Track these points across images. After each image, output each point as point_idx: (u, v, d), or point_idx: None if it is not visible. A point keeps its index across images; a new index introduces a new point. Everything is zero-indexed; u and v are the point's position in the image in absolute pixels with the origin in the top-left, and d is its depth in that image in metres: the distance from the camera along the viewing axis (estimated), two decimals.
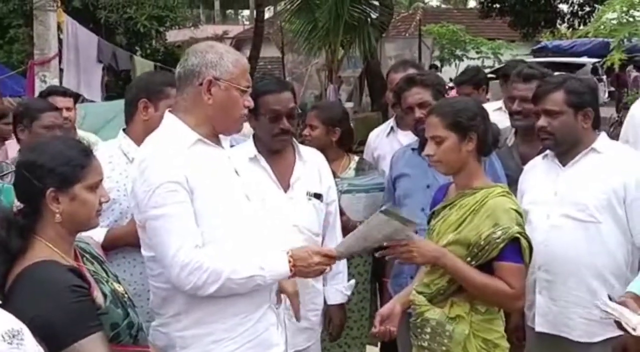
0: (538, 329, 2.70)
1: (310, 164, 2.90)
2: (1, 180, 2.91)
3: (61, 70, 7.03)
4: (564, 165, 2.73)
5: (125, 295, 1.95)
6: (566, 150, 2.73)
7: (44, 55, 7.29)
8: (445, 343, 2.35)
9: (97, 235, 2.35)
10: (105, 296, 1.85)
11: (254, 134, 2.90)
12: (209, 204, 2.11)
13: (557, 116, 2.67)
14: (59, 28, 7.18)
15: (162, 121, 2.25)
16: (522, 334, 2.88)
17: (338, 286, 2.95)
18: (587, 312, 2.58)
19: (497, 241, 2.32)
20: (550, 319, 2.67)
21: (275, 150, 2.86)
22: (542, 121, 2.71)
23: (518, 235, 2.34)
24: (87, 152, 1.92)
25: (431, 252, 2.38)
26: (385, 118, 11.30)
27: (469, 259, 2.36)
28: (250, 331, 2.20)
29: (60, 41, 7.22)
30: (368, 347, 3.58)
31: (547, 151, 2.81)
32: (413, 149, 3.13)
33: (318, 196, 2.87)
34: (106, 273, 1.94)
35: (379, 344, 3.60)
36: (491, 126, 2.52)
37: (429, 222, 2.61)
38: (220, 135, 2.29)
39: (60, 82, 7.15)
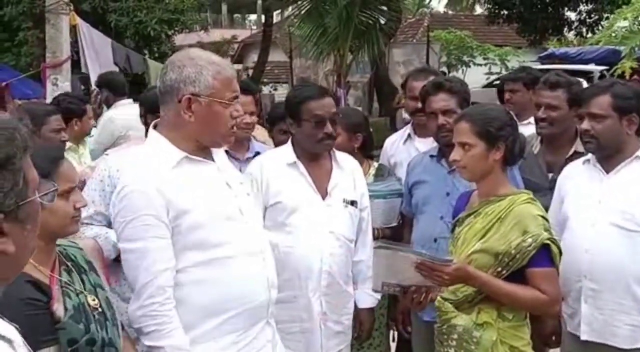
0: (584, 337, 2.68)
1: (347, 171, 2.91)
2: None
3: (73, 73, 7.05)
4: (607, 172, 2.70)
5: (100, 308, 1.87)
6: (608, 155, 2.70)
7: (55, 58, 7.30)
8: (472, 349, 2.35)
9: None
10: (66, 310, 1.78)
11: (292, 140, 2.89)
12: (196, 224, 2.07)
13: (602, 120, 2.65)
14: (71, 31, 7.20)
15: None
16: (558, 339, 2.88)
17: (369, 290, 2.93)
18: (632, 319, 2.59)
19: (529, 248, 2.31)
20: (596, 328, 2.66)
21: (313, 157, 2.86)
22: (585, 124, 2.69)
23: (548, 241, 2.34)
24: (53, 159, 1.84)
25: (466, 276, 2.36)
26: (393, 123, 11.35)
27: (499, 269, 2.35)
28: (246, 349, 2.17)
29: (72, 44, 7.24)
30: None
31: (589, 156, 2.78)
32: (431, 156, 3.12)
33: (353, 203, 2.88)
34: (84, 284, 1.87)
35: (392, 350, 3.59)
36: (519, 136, 2.51)
37: (452, 230, 2.60)
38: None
39: (72, 85, 7.15)
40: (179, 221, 2.05)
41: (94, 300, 1.86)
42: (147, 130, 2.69)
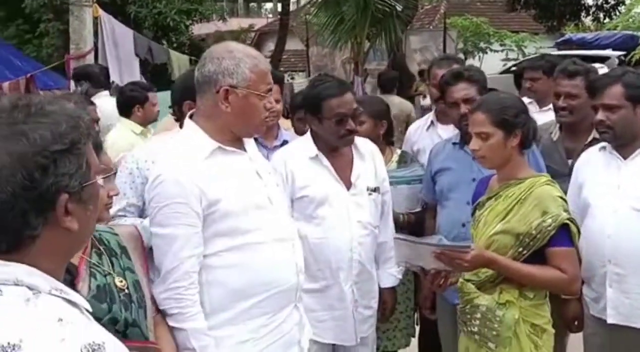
0: (610, 321, 2.72)
1: (367, 158, 2.96)
2: None
3: (98, 64, 7.15)
4: (624, 158, 2.75)
5: (126, 290, 1.90)
6: (625, 143, 2.75)
7: (79, 50, 7.40)
8: (495, 328, 2.42)
9: None
10: (89, 289, 1.81)
11: (312, 133, 2.92)
12: (228, 212, 2.14)
13: (616, 110, 2.69)
14: (92, 23, 7.30)
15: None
16: (581, 324, 2.94)
17: (391, 270, 3.03)
18: None
19: (549, 228, 2.39)
20: (622, 311, 2.69)
21: (334, 149, 2.89)
22: (600, 115, 2.73)
23: (567, 221, 2.41)
24: (95, 146, 1.89)
25: (485, 261, 2.44)
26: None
27: (520, 249, 2.42)
28: (275, 332, 2.23)
29: (95, 35, 7.34)
30: None
31: (604, 144, 2.83)
32: (454, 144, 3.17)
33: (376, 190, 2.94)
34: (113, 266, 1.92)
35: (416, 333, 3.67)
36: (532, 121, 2.58)
37: (472, 213, 2.67)
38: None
39: None
40: (211, 209, 2.12)
41: (121, 282, 1.89)
42: (177, 119, 2.79)
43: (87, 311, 1.21)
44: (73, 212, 1.21)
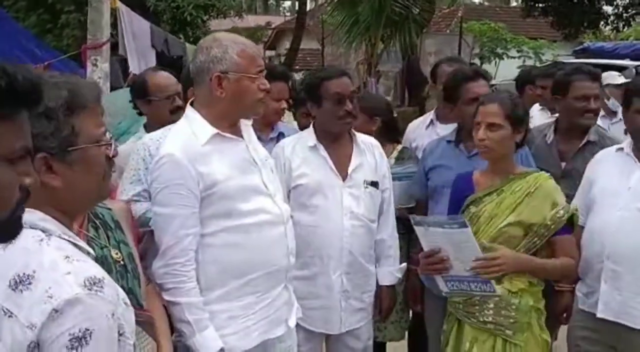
0: (600, 315, 2.77)
1: (368, 153, 3.01)
2: None
3: (112, 55, 7.28)
4: None
5: (122, 262, 2.01)
6: None
7: (96, 40, 7.50)
8: (512, 315, 2.56)
9: None
10: None
11: (314, 123, 3.01)
12: (225, 195, 2.27)
13: None
14: (111, 14, 7.41)
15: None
16: (570, 314, 3.03)
17: (390, 268, 3.08)
18: None
19: (562, 219, 2.57)
20: (612, 307, 2.74)
21: (334, 139, 2.96)
22: None
23: (575, 212, 2.61)
24: None
25: (515, 259, 2.57)
26: (422, 113, 11.37)
27: (535, 239, 2.58)
28: (265, 309, 2.37)
29: (113, 27, 7.45)
30: None
31: (622, 145, 2.87)
32: (448, 142, 3.22)
33: (374, 184, 2.99)
34: (109, 239, 2.02)
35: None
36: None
37: (463, 210, 2.72)
38: (244, 125, 2.42)
39: (111, 67, 7.38)
40: (209, 191, 2.26)
41: (117, 254, 2.01)
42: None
43: (89, 254, 1.39)
44: (57, 171, 1.41)
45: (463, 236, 2.51)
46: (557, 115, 3.91)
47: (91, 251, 1.41)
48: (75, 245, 1.36)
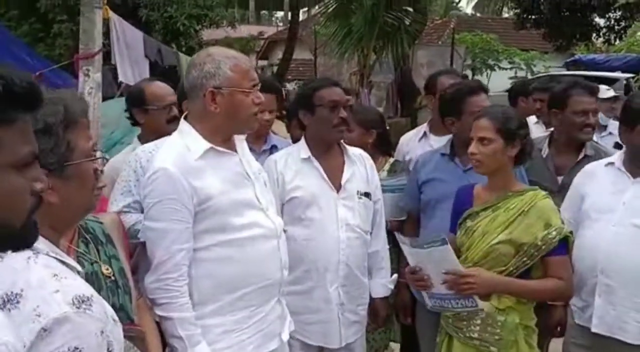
0: (594, 330, 2.78)
1: (359, 164, 3.01)
2: None
3: (104, 64, 7.26)
4: (634, 177, 2.78)
5: (113, 277, 2.01)
6: (637, 163, 2.77)
7: (88, 50, 7.47)
8: (498, 332, 2.54)
9: None
10: None
11: (306, 136, 3.00)
12: (218, 209, 2.26)
13: None
14: (103, 24, 7.39)
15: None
16: (563, 329, 3.03)
17: (382, 280, 3.08)
18: None
19: (554, 240, 2.53)
20: (607, 322, 2.75)
21: (325, 151, 2.95)
22: None
23: (569, 234, 2.57)
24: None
25: (489, 281, 2.55)
26: (415, 124, 11.44)
27: (524, 259, 2.55)
28: (258, 323, 2.36)
29: (105, 36, 7.43)
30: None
31: (612, 159, 2.87)
32: (442, 154, 3.22)
33: (367, 195, 2.99)
34: (99, 254, 2.02)
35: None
36: (530, 138, 2.69)
37: (460, 223, 2.72)
38: (237, 139, 2.41)
39: (103, 77, 7.36)
40: (203, 205, 2.25)
41: (107, 269, 2.00)
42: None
43: (78, 272, 1.36)
44: (54, 187, 1.38)
45: (443, 253, 2.51)
46: (552, 129, 3.93)
47: (80, 268, 1.39)
48: (63, 262, 1.34)
